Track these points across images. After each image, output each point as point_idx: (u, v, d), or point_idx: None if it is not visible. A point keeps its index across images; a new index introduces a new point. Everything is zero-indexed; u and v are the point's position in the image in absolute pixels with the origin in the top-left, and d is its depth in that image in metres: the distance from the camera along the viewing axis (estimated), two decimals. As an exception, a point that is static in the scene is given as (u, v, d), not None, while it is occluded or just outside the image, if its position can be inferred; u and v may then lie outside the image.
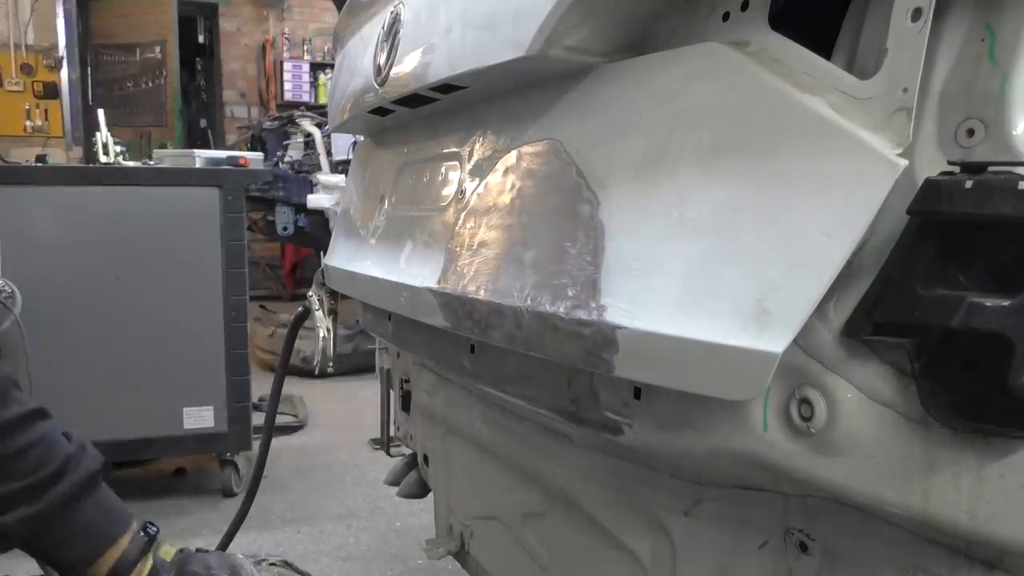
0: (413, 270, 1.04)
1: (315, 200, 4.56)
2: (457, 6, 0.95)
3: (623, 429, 0.77)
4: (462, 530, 1.37)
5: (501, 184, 0.89)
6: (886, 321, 0.55)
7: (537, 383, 0.91)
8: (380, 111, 1.21)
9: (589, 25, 0.75)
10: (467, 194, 0.96)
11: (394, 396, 1.69)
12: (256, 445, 2.55)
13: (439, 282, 0.94)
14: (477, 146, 0.99)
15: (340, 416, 3.87)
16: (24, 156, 4.34)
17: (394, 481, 1.66)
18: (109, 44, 6.92)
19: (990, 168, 0.51)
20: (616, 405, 0.77)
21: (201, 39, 8.12)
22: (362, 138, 1.59)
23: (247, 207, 2.93)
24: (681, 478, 0.78)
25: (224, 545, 1.78)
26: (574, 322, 0.70)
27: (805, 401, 0.60)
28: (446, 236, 0.97)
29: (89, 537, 0.94)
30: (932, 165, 0.55)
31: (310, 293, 1.94)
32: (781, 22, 0.66)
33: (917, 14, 0.54)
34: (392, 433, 1.81)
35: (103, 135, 2.92)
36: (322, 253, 2.08)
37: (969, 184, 0.50)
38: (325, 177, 4.75)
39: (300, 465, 3.12)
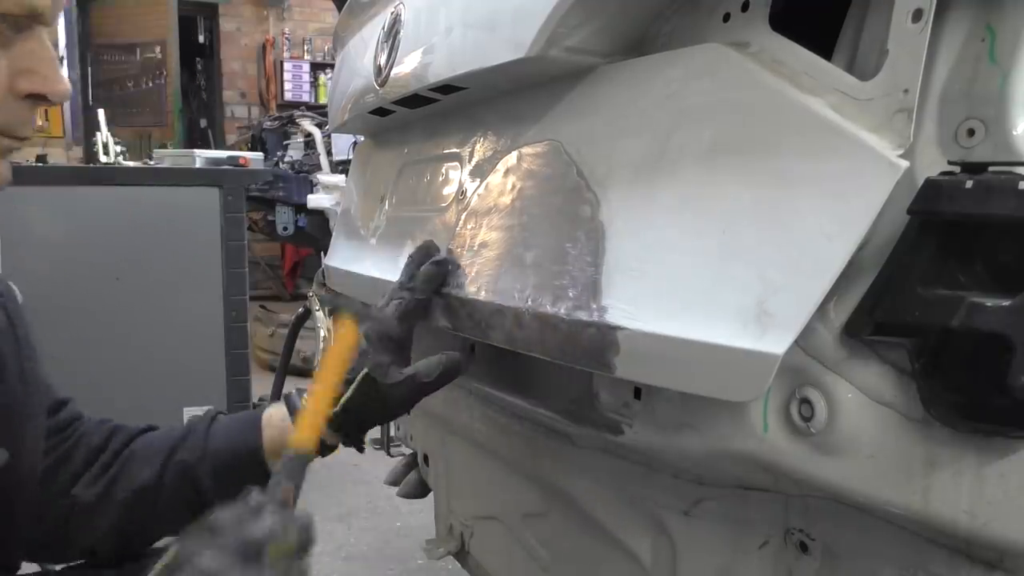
0: (413, 270, 1.03)
1: (315, 200, 4.55)
2: (457, 7, 0.95)
3: (623, 429, 0.77)
4: (462, 530, 1.37)
5: (502, 185, 0.89)
6: (887, 321, 0.55)
7: (537, 383, 0.91)
8: (380, 111, 1.21)
9: (590, 26, 0.75)
10: (468, 195, 0.96)
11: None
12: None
13: (440, 282, 0.94)
14: (478, 147, 0.99)
15: (340, 416, 3.86)
16: (24, 156, 4.34)
17: (394, 481, 1.66)
18: (109, 44, 6.92)
19: (990, 168, 0.51)
20: (616, 405, 0.77)
21: (201, 39, 8.11)
22: (362, 138, 1.59)
23: (247, 207, 2.93)
24: (681, 478, 0.78)
25: None
26: (575, 323, 0.70)
27: (805, 401, 0.60)
28: (447, 237, 0.97)
29: None
30: (932, 165, 0.55)
31: (310, 293, 1.94)
32: (781, 23, 0.66)
33: (918, 15, 0.54)
34: (392, 433, 1.81)
35: (103, 135, 2.92)
36: (322, 253, 2.08)
37: (969, 184, 0.51)
38: (325, 177, 4.75)
39: (300, 465, 3.11)
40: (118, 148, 2.93)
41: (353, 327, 0.84)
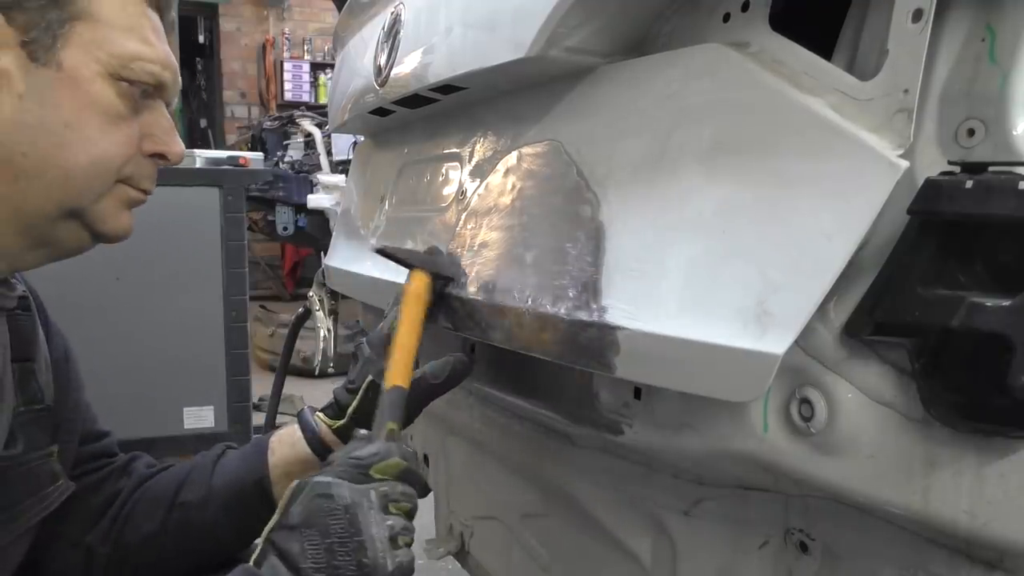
0: (414, 270, 1.03)
1: (315, 200, 4.55)
2: (457, 7, 0.95)
3: (623, 429, 0.77)
4: (462, 530, 1.37)
5: (502, 185, 0.89)
6: (887, 321, 0.55)
7: (537, 383, 0.91)
8: (380, 111, 1.21)
9: (590, 26, 0.75)
10: (468, 195, 0.96)
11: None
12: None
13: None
14: (478, 147, 0.99)
15: (340, 416, 3.85)
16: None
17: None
18: (109, 44, 6.91)
19: (990, 168, 0.51)
20: (616, 405, 0.77)
21: (201, 39, 8.12)
22: (362, 138, 1.59)
23: (247, 207, 2.93)
24: (681, 478, 0.78)
25: None
26: (575, 323, 0.70)
27: (805, 401, 0.60)
28: (447, 237, 0.97)
29: None
30: (932, 165, 0.55)
31: (310, 293, 1.94)
32: (782, 23, 0.66)
33: (918, 15, 0.54)
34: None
35: (103, 135, 2.92)
36: (322, 253, 2.09)
37: (969, 184, 0.51)
38: (325, 177, 4.75)
39: (300, 465, 3.09)
40: (117, 148, 2.92)
41: (423, 276, 0.88)
